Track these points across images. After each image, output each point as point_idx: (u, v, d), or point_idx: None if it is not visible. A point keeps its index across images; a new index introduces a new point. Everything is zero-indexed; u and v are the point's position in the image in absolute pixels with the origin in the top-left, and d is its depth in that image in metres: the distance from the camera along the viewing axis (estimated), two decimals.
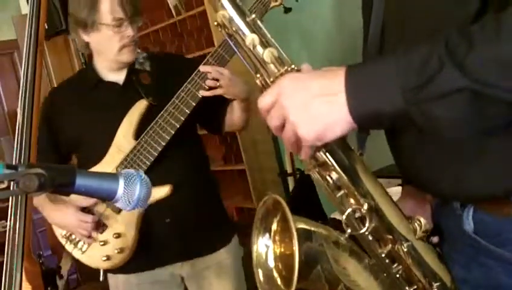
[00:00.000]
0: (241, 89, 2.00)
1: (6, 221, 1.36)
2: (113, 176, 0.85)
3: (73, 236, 2.05)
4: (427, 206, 1.14)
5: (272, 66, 0.95)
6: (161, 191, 1.93)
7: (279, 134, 0.92)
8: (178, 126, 1.94)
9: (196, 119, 2.08)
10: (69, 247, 2.07)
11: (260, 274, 1.09)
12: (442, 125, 0.80)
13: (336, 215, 2.70)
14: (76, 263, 3.05)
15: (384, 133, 1.10)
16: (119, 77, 2.06)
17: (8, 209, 1.33)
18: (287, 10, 2.05)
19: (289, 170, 3.30)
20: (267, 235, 1.09)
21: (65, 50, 4.50)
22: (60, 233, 2.09)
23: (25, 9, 4.77)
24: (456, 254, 1.05)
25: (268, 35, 0.97)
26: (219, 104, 2.08)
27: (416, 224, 1.01)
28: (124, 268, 2.05)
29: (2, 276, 1.32)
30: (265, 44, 0.96)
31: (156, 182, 1.90)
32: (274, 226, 1.09)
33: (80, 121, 2.05)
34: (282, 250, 1.09)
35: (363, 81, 0.84)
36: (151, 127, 1.94)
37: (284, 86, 0.89)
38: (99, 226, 1.99)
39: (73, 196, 1.99)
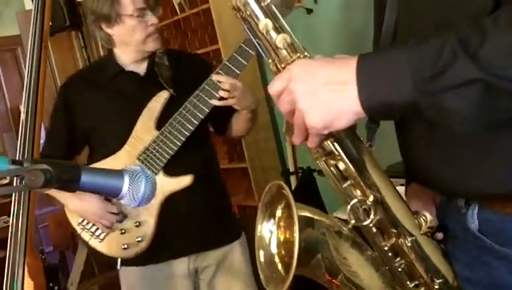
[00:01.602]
0: (251, 101, 2.04)
1: (9, 216, 1.37)
2: (118, 173, 0.85)
3: (89, 225, 2.04)
4: (431, 205, 1.14)
5: (284, 52, 0.95)
6: (183, 181, 1.97)
7: (291, 119, 0.91)
8: (202, 117, 1.96)
9: (209, 116, 2.08)
10: (85, 236, 2.06)
11: (261, 256, 1.09)
12: (453, 117, 0.80)
13: (338, 214, 2.69)
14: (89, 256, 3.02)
15: (395, 128, 1.10)
16: (140, 68, 2.09)
17: (10, 205, 1.34)
18: (309, 11, 2.05)
19: (291, 168, 3.29)
20: (272, 220, 1.10)
21: (68, 46, 4.49)
22: (76, 221, 2.08)
23: (29, 5, 4.77)
24: (459, 252, 1.04)
25: (282, 21, 0.97)
26: (227, 108, 2.08)
27: (421, 219, 1.01)
28: (137, 260, 2.06)
29: (4, 271, 1.32)
30: (278, 30, 0.96)
31: (174, 172, 1.97)
32: (279, 213, 1.10)
33: (98, 110, 2.08)
34: (286, 236, 1.09)
35: (375, 71, 0.84)
36: (174, 118, 1.97)
37: (294, 72, 0.88)
38: (120, 215, 2.01)
39: None
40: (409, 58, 0.81)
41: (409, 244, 1.00)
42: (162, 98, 2.01)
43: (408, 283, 1.03)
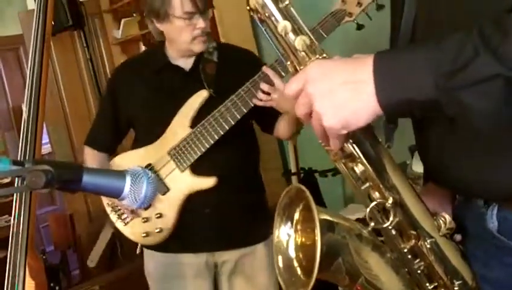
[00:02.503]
0: (293, 104, 1.99)
1: (10, 216, 1.36)
2: (120, 174, 0.85)
3: (117, 207, 2.11)
4: (447, 204, 1.13)
5: (303, 54, 0.95)
6: (207, 182, 2.00)
7: (307, 121, 0.91)
8: (233, 123, 1.97)
9: (252, 116, 2.10)
10: (113, 217, 2.15)
11: (280, 261, 1.09)
12: (473, 114, 0.79)
13: None
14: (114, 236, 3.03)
15: (413, 127, 1.09)
16: (187, 63, 2.11)
17: (11, 204, 1.33)
18: (360, 27, 2.05)
19: (293, 169, 3.28)
20: (289, 224, 1.09)
21: (71, 46, 4.48)
22: (106, 202, 2.16)
23: (31, 4, 4.77)
24: (478, 252, 1.04)
25: (301, 23, 0.96)
26: (272, 113, 2.09)
27: (441, 221, 1.01)
28: (161, 247, 2.13)
29: (5, 271, 1.32)
30: (297, 31, 0.95)
31: (203, 172, 2.00)
32: (296, 216, 1.09)
33: (140, 100, 2.12)
34: (304, 240, 1.09)
35: (392, 69, 0.83)
36: (207, 120, 1.99)
37: (310, 73, 0.88)
38: None
39: (124, 164, 2.09)
40: (428, 55, 0.80)
41: (428, 246, 1.00)
42: (200, 97, 2.03)
43: (427, 284, 1.03)
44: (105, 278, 3.39)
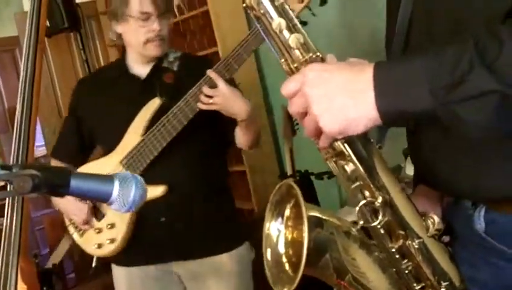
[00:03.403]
0: (240, 108, 1.92)
1: (2, 219, 1.36)
2: (109, 178, 0.84)
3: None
4: (437, 205, 1.14)
5: (296, 52, 0.95)
6: (155, 191, 1.94)
7: (301, 122, 0.92)
8: (179, 129, 1.94)
9: (210, 125, 2.04)
10: (71, 229, 2.14)
11: (268, 254, 1.09)
12: (469, 127, 0.80)
13: None
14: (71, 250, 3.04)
15: (406, 131, 1.11)
16: (144, 71, 2.08)
17: (3, 208, 1.32)
18: (303, 23, 2.04)
19: (289, 172, 3.28)
20: (280, 219, 1.10)
21: (67, 48, 4.48)
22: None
23: (28, 6, 4.76)
24: (465, 253, 1.05)
25: (296, 21, 0.97)
26: (227, 125, 2.04)
27: (429, 221, 1.01)
28: (124, 260, 2.10)
29: None
30: (291, 29, 0.96)
31: (153, 180, 1.92)
32: (287, 212, 1.10)
33: (101, 109, 2.09)
34: (294, 236, 1.09)
35: (392, 79, 0.84)
36: (156, 126, 1.96)
37: (309, 75, 0.88)
38: (98, 213, 2.06)
39: None
40: (426, 68, 0.81)
41: (416, 246, 1.01)
42: (153, 105, 2.00)
43: (415, 285, 1.03)
44: (100, 282, 3.37)
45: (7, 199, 1.32)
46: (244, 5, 0.99)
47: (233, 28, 3.65)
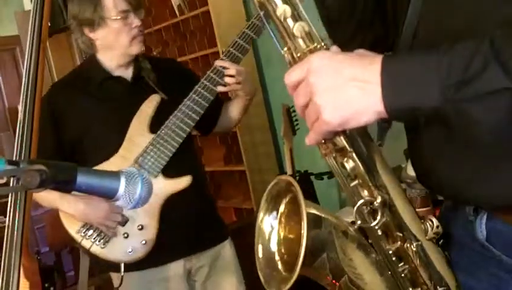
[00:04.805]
0: (253, 86, 2.13)
1: (5, 217, 1.36)
2: (115, 174, 0.85)
3: (89, 232, 2.01)
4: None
5: (300, 41, 0.91)
6: (182, 182, 1.99)
7: (302, 114, 0.89)
8: (197, 119, 1.98)
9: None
10: (86, 243, 2.02)
11: (260, 252, 1.06)
12: (479, 127, 0.79)
13: None
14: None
15: (405, 132, 1.07)
16: (127, 73, 2.09)
17: (5, 205, 1.33)
18: None
19: (289, 171, 3.28)
20: (274, 214, 1.07)
21: (67, 47, 4.49)
22: (75, 230, 2.03)
23: (28, 5, 4.77)
24: (464, 261, 1.01)
25: (301, 9, 0.93)
26: (215, 106, 2.12)
27: (428, 224, 0.99)
28: (137, 265, 2.04)
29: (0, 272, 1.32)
30: (296, 17, 0.92)
31: (169, 175, 1.98)
32: (282, 208, 1.06)
33: (88, 117, 2.06)
34: (287, 233, 1.06)
35: (401, 74, 0.82)
36: (169, 120, 1.98)
37: (315, 64, 0.85)
38: (123, 217, 1.98)
39: None
40: (437, 64, 0.79)
41: (414, 249, 0.98)
42: (153, 101, 2.02)
43: (410, 289, 1.01)
44: (100, 279, 3.37)
45: (10, 196, 1.33)
46: None
47: (233, 28, 3.64)
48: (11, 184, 1.16)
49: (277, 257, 1.06)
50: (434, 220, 0.99)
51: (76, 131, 2.06)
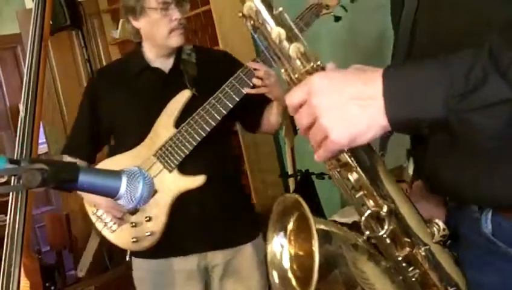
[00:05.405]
0: (282, 91, 2.05)
1: (5, 215, 1.36)
2: (116, 174, 0.85)
3: (104, 215, 2.08)
4: (441, 209, 1.12)
5: (297, 62, 0.93)
6: (197, 180, 2.00)
7: (306, 133, 0.89)
8: (219, 119, 1.98)
9: (235, 115, 2.11)
10: (99, 225, 2.10)
11: (275, 275, 1.07)
12: (482, 135, 0.79)
13: (335, 217, 2.68)
14: (101, 244, 3.02)
15: (409, 137, 1.09)
16: (166, 64, 2.11)
17: (6, 204, 1.33)
18: (337, 19, 2.06)
19: (290, 171, 3.28)
20: (282, 234, 1.07)
21: (69, 46, 4.48)
22: (91, 210, 2.12)
23: (29, 3, 4.76)
24: (471, 257, 1.02)
25: (296, 30, 0.94)
26: (259, 103, 2.12)
27: (434, 228, 1.00)
28: (150, 253, 2.09)
29: (0, 271, 1.32)
30: (291, 39, 0.93)
31: (191, 170, 1.99)
32: (290, 226, 1.07)
33: (122, 105, 2.11)
34: (298, 250, 1.07)
35: (402, 86, 0.83)
36: (192, 118, 1.99)
37: (316, 85, 0.86)
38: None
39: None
40: (438, 75, 0.80)
41: (422, 253, 0.99)
42: (183, 97, 2.03)
43: None
44: (100, 279, 3.38)
45: (11, 195, 1.33)
46: (241, 14, 0.96)
47: (235, 27, 3.64)
48: (12, 183, 1.16)
49: (290, 275, 1.06)
50: (440, 223, 1.01)
51: (110, 119, 2.13)
